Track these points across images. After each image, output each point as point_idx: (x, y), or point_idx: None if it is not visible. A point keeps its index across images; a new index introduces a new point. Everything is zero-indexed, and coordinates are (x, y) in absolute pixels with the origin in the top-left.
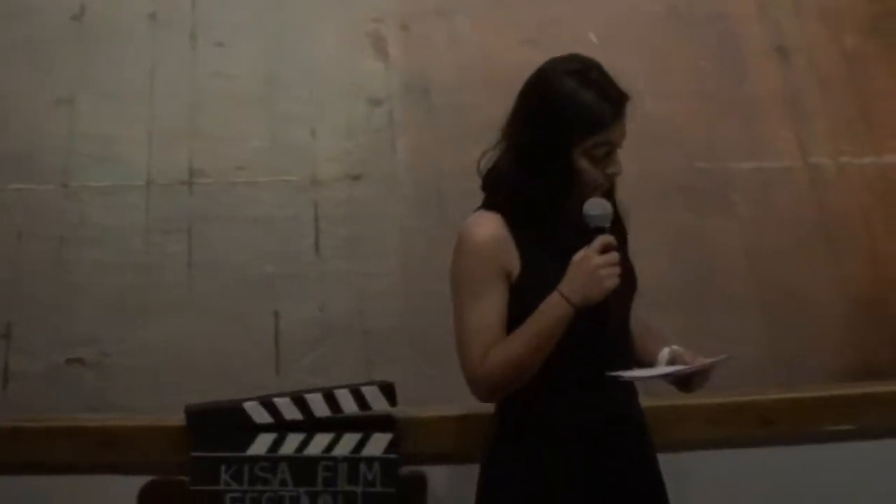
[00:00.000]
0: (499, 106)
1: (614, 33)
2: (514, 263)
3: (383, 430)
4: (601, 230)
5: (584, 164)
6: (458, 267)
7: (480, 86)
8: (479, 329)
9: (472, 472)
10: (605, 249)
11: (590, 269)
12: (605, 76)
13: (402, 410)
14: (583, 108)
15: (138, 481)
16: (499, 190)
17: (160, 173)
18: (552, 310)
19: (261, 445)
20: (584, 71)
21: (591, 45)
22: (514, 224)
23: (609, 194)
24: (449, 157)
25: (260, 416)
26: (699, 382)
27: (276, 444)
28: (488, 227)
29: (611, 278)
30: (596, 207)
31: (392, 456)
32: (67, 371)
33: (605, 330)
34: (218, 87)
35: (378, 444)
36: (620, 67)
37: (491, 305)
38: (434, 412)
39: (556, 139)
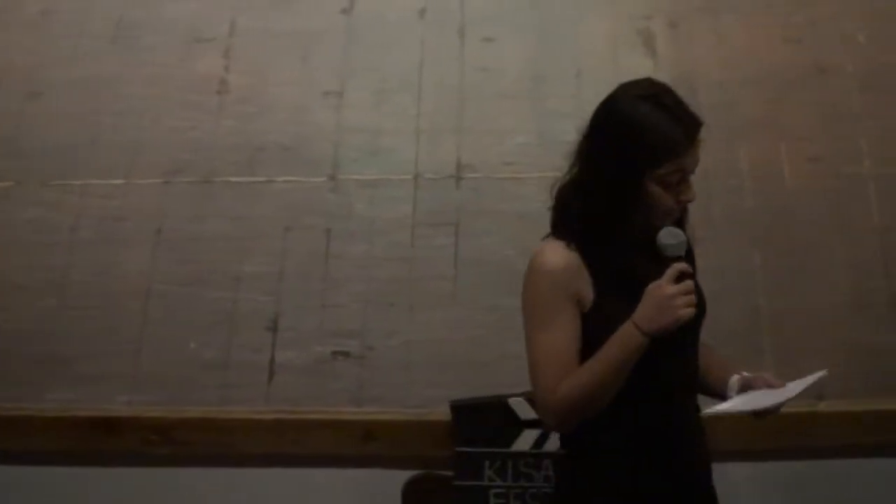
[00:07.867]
0: (763, 103)
1: (882, 32)
2: (587, 291)
3: None
4: (677, 259)
5: (656, 190)
6: (530, 294)
7: (745, 83)
8: (551, 357)
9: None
10: (679, 278)
11: (664, 298)
12: (678, 101)
13: None
14: (657, 134)
15: (401, 476)
16: (570, 217)
17: (427, 167)
18: (626, 339)
19: (525, 441)
20: (657, 95)
21: (857, 44)
22: (586, 252)
23: (680, 221)
24: (715, 154)
25: (524, 411)
26: (776, 409)
27: (541, 441)
28: (559, 254)
29: (685, 308)
30: (670, 237)
31: None
32: (332, 363)
33: (679, 358)
34: (485, 82)
35: None
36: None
37: (564, 333)
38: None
39: (629, 166)
